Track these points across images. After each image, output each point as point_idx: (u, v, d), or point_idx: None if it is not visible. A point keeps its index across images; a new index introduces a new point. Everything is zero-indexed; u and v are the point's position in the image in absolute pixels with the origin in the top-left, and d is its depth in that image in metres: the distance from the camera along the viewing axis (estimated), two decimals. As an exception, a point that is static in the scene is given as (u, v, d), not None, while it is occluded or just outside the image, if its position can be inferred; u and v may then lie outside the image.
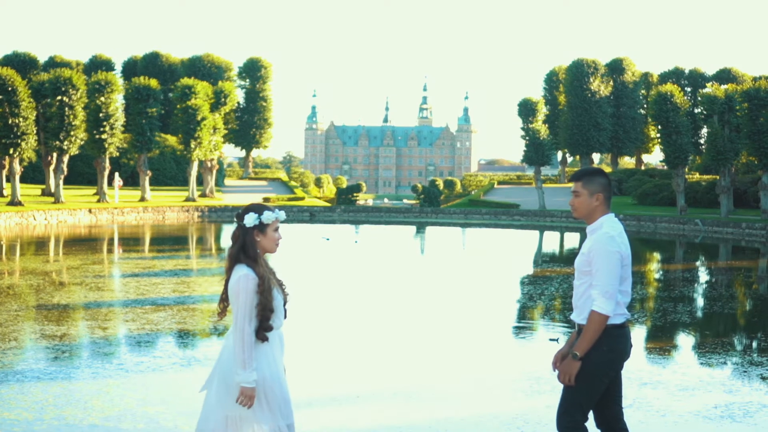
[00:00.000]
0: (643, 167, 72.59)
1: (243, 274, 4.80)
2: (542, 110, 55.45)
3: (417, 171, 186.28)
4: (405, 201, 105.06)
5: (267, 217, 4.91)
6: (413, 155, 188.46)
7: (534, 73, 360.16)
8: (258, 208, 4.95)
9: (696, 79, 67.56)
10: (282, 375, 4.90)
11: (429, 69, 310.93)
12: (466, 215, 50.44)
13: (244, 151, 78.00)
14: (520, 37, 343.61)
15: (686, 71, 68.63)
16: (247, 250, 4.87)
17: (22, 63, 66.46)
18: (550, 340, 11.36)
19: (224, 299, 4.97)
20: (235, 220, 5.00)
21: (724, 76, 65.90)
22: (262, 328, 4.79)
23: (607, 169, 75.55)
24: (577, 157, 68.78)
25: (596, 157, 78.22)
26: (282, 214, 4.99)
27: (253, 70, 76.33)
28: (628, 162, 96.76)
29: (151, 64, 72.64)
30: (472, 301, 15.58)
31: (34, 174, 56.87)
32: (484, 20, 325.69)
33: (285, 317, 4.98)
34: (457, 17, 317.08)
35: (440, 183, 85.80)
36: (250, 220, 4.89)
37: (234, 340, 4.79)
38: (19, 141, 39.98)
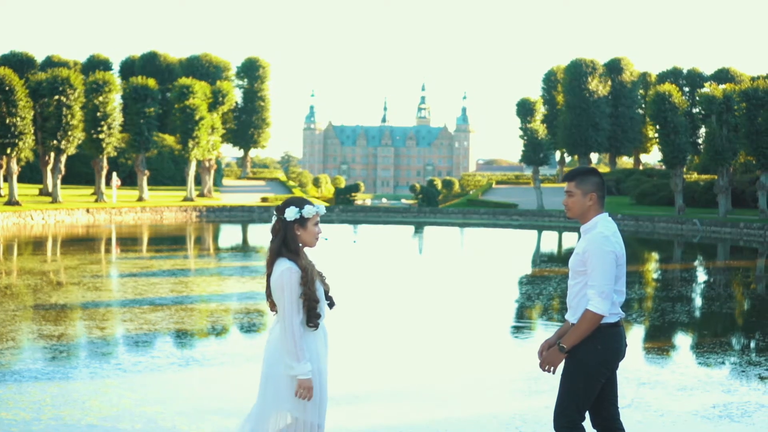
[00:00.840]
0: (641, 167, 72.63)
1: (286, 267, 4.80)
2: (540, 110, 55.45)
3: (415, 171, 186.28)
4: (403, 201, 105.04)
5: (308, 210, 4.91)
6: (411, 155, 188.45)
7: (532, 73, 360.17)
8: (299, 202, 4.94)
9: (694, 79, 67.61)
10: (323, 372, 4.88)
11: (427, 69, 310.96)
12: (464, 215, 50.44)
13: (242, 150, 77.98)
14: (518, 37, 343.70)
15: (684, 71, 68.67)
16: (289, 243, 4.88)
17: (19, 63, 66.44)
18: None
19: (270, 294, 4.96)
20: (274, 213, 4.97)
21: (723, 75, 65.95)
22: (312, 317, 4.81)
23: (605, 169, 75.62)
24: (575, 156, 68.79)
25: (594, 156, 78.25)
26: (322, 208, 4.98)
27: (251, 70, 76.32)
28: (626, 162, 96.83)
29: (149, 63, 72.59)
30: (471, 301, 15.57)
31: (31, 174, 56.82)
32: (483, 20, 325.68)
33: (331, 306, 5.00)
34: (455, 17, 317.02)
35: (438, 183, 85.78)
36: (291, 213, 4.88)
37: (283, 335, 4.78)
38: (17, 141, 39.92)
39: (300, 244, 4.92)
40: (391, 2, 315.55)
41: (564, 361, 5.14)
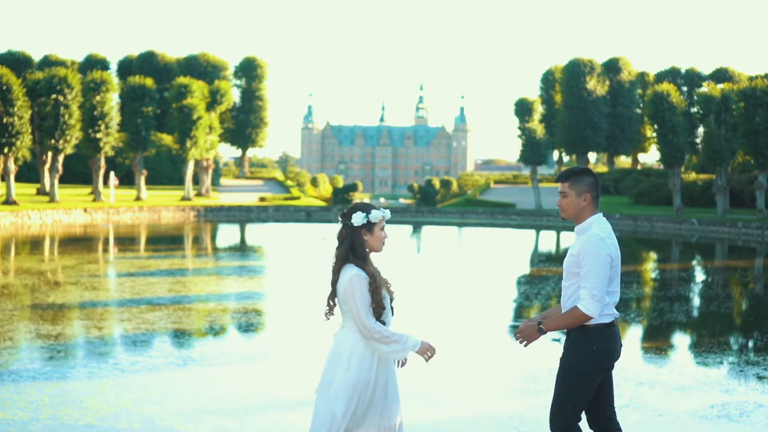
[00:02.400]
0: (639, 167, 72.64)
1: (354, 274, 4.80)
2: (539, 110, 55.46)
3: (413, 170, 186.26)
4: (401, 200, 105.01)
5: (375, 216, 4.89)
6: (409, 155, 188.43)
7: (530, 73, 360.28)
8: (365, 207, 4.92)
9: (692, 79, 67.62)
10: (379, 381, 4.88)
11: (425, 69, 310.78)
12: (462, 215, 50.45)
13: (240, 150, 77.92)
14: (516, 37, 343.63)
15: (682, 71, 68.68)
16: (356, 249, 4.87)
17: (16, 62, 66.33)
18: (553, 340, 11.34)
19: (332, 299, 4.97)
20: (340, 219, 4.96)
21: (721, 75, 65.97)
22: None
23: (604, 169, 75.63)
24: (574, 156, 68.80)
25: (592, 156, 78.29)
26: (388, 213, 4.97)
27: (248, 70, 76.24)
28: (624, 161, 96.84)
29: (147, 63, 72.53)
30: (469, 301, 15.57)
31: (29, 173, 56.74)
32: (481, 20, 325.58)
33: (392, 315, 5.01)
34: (453, 17, 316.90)
35: (436, 183, 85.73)
36: (358, 219, 4.87)
37: (365, 340, 4.81)
38: (14, 140, 39.84)
39: (367, 250, 4.90)
40: (389, 2, 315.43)
41: (559, 361, 5.14)
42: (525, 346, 5.19)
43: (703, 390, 8.81)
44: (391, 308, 4.99)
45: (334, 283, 4.91)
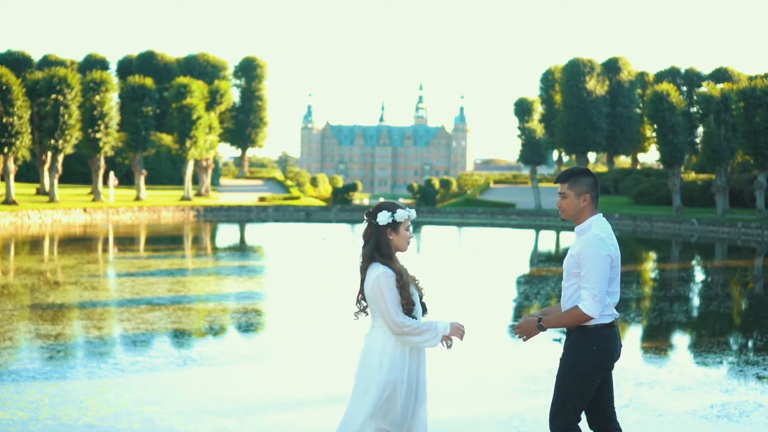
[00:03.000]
0: (639, 167, 72.63)
1: (381, 271, 4.81)
2: (538, 110, 55.46)
3: (413, 170, 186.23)
4: (401, 200, 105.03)
5: (400, 215, 4.90)
6: (409, 155, 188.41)
7: (530, 73, 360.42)
8: (391, 206, 4.94)
9: (692, 79, 67.62)
10: (411, 381, 4.89)
11: (425, 69, 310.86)
12: (462, 215, 50.44)
13: (239, 150, 77.89)
14: (516, 36, 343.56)
15: (682, 70, 68.68)
16: (382, 248, 4.89)
17: (16, 62, 66.30)
18: (554, 340, 11.34)
19: (361, 298, 4.99)
20: (365, 218, 4.96)
21: (720, 75, 65.96)
22: None
23: (603, 169, 75.61)
24: (573, 156, 68.79)
25: (592, 156, 78.31)
26: (413, 213, 4.99)
27: (248, 70, 76.22)
28: (623, 161, 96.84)
29: (146, 63, 72.52)
30: (468, 301, 15.56)
31: (28, 173, 56.73)
32: (480, 20, 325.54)
33: (424, 312, 5.04)
34: (453, 17, 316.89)
35: (436, 182, 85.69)
36: (383, 218, 4.88)
37: (395, 339, 4.83)
38: (14, 140, 39.81)
39: (392, 249, 4.92)
40: (389, 2, 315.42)
41: (559, 361, 5.14)
42: (524, 340, 5.18)
43: (702, 390, 8.80)
44: (423, 304, 5.02)
45: (363, 281, 4.92)
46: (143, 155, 49.93)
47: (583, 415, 5.16)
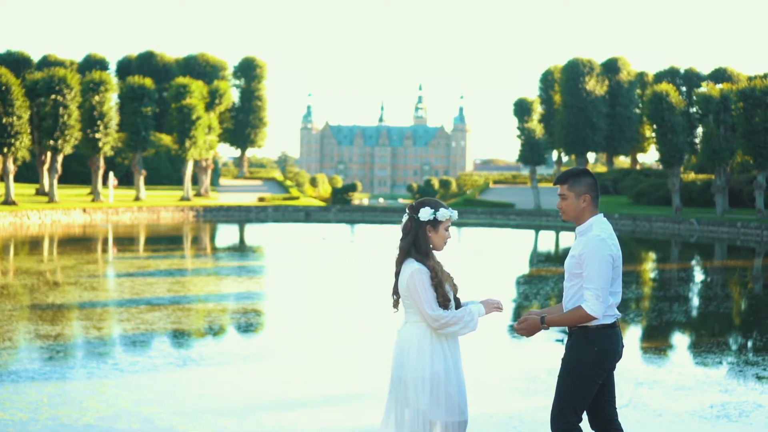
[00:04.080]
0: (638, 167, 72.63)
1: (415, 268, 4.82)
2: (538, 110, 55.45)
3: (412, 170, 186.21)
4: (400, 200, 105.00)
5: (442, 214, 4.90)
6: (408, 155, 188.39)
7: (529, 73, 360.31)
8: (434, 204, 4.93)
9: (691, 79, 67.61)
10: (453, 370, 4.91)
11: (424, 69, 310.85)
12: (461, 215, 50.42)
13: (239, 150, 77.87)
14: (515, 37, 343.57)
15: (681, 71, 68.68)
16: (419, 244, 4.89)
17: (15, 62, 66.26)
18: (556, 341, 11.33)
19: (396, 292, 4.98)
20: (407, 211, 4.95)
21: (720, 75, 65.96)
22: None
23: (603, 169, 75.61)
24: (573, 156, 68.80)
25: (591, 156, 78.32)
26: (456, 214, 4.99)
27: (248, 70, 76.20)
28: (623, 161, 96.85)
29: (146, 63, 72.49)
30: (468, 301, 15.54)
31: (28, 173, 56.69)
32: (480, 20, 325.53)
33: (458, 308, 5.05)
34: (452, 17, 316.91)
35: (435, 183, 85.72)
36: (425, 214, 4.87)
37: (431, 333, 4.84)
38: (13, 140, 39.78)
39: (430, 246, 4.91)
40: (388, 2, 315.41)
41: (561, 362, 5.14)
42: (527, 336, 5.18)
43: (702, 390, 8.80)
44: (457, 299, 5.05)
45: (398, 274, 4.91)
46: (143, 155, 49.91)
47: (585, 416, 5.16)
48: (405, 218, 4.93)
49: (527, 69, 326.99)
